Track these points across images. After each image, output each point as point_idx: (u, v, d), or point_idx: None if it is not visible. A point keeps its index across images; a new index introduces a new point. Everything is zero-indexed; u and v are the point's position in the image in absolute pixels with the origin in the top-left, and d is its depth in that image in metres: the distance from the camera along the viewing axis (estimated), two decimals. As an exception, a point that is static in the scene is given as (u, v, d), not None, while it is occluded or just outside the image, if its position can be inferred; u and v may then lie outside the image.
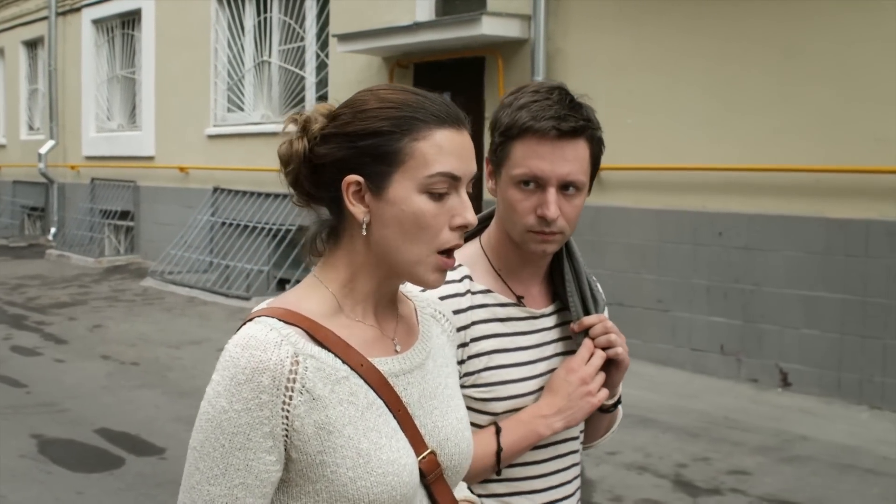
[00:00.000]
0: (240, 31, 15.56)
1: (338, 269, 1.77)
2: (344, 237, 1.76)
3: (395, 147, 1.67)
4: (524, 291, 2.27)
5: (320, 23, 13.99)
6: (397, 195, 1.68)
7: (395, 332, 1.82)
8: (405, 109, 1.69)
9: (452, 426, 1.82)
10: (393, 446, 1.67)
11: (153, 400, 8.38)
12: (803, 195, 8.43)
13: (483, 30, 10.36)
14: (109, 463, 6.80)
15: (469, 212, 1.72)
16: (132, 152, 17.88)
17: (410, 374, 1.77)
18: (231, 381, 1.60)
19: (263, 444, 1.60)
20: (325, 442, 1.61)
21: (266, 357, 1.59)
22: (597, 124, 2.15)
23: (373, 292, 1.77)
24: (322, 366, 1.64)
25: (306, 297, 1.74)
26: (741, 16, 8.83)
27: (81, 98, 19.49)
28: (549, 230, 2.12)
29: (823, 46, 8.27)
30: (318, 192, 1.76)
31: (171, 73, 16.78)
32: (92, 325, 11.86)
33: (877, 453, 6.93)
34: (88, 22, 19.37)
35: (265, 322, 1.65)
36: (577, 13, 10.25)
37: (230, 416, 1.59)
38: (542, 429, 2.17)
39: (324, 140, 1.72)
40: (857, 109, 8.06)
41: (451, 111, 1.72)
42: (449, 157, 1.68)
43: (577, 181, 2.12)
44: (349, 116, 1.72)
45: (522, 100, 2.12)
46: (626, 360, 2.25)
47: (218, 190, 15.49)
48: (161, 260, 15.57)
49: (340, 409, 1.63)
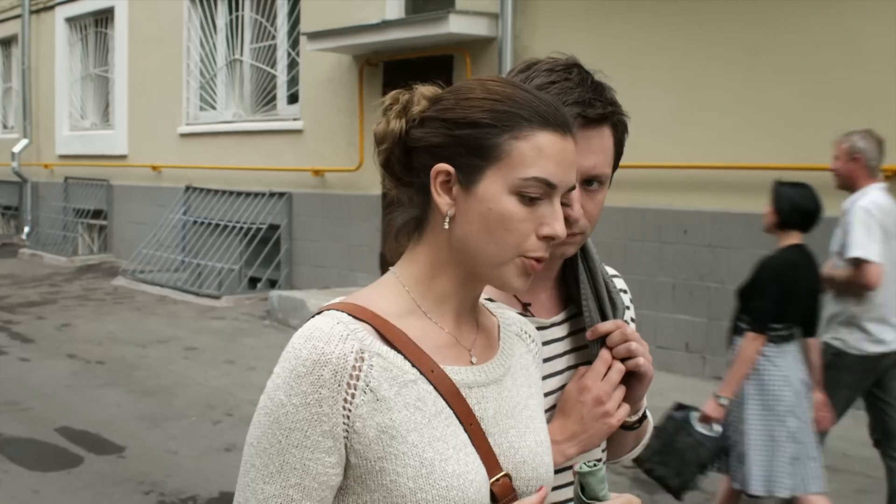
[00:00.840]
0: (212, 30, 15.52)
1: (418, 266, 1.66)
2: (427, 231, 1.66)
3: (493, 142, 1.57)
4: (531, 298, 2.00)
5: (291, 21, 13.96)
6: (487, 192, 1.57)
7: (474, 343, 1.70)
8: (510, 104, 1.59)
9: (531, 449, 1.68)
10: (461, 459, 1.55)
11: (116, 398, 8.34)
12: (768, 193, 8.41)
13: (450, 28, 10.37)
14: (67, 462, 6.76)
15: (560, 223, 1.59)
16: (105, 151, 17.82)
17: (486, 388, 1.65)
18: (291, 374, 1.51)
19: (322, 444, 1.50)
20: (387, 447, 1.50)
21: (329, 350, 1.51)
22: (621, 107, 1.91)
23: (453, 294, 1.66)
24: (389, 366, 1.54)
25: (381, 294, 1.65)
26: (705, 14, 8.86)
27: (55, 97, 19.40)
28: (570, 231, 1.83)
29: (787, 45, 8.30)
30: (408, 177, 1.65)
31: (143, 72, 16.73)
32: (60, 324, 11.81)
33: (837, 450, 6.94)
34: (62, 20, 19.30)
35: (333, 315, 1.57)
36: (545, 11, 10.26)
37: (288, 411, 1.50)
38: (553, 456, 1.88)
39: (422, 123, 1.62)
40: (820, 107, 8.08)
41: (559, 114, 1.61)
42: (548, 162, 1.57)
43: (602, 175, 1.87)
44: (451, 102, 1.62)
45: (537, 80, 1.84)
46: (649, 372, 1.95)
47: (190, 189, 15.45)
48: (133, 259, 15.52)
49: (406, 414, 1.53)
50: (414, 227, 1.68)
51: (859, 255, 5.39)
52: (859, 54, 7.84)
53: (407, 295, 1.65)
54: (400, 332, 1.58)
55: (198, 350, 10.12)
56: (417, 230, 1.68)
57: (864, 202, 5.57)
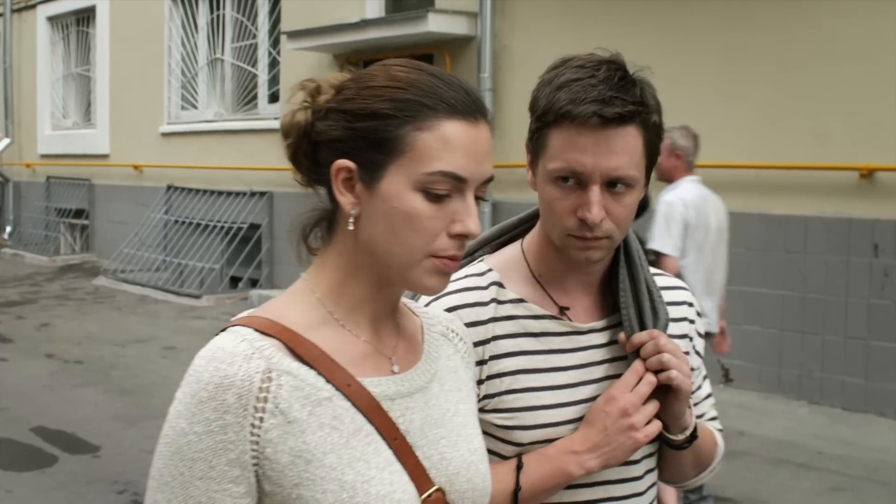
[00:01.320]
0: (193, 29, 15.47)
1: (329, 271, 1.55)
2: (337, 233, 1.54)
3: (395, 134, 1.45)
4: (570, 302, 1.92)
5: (272, 20, 13.94)
6: (390, 190, 1.45)
7: (395, 350, 1.58)
8: (413, 92, 1.46)
9: (464, 458, 1.56)
10: (385, 479, 1.43)
11: (93, 398, 8.31)
12: (744, 192, 8.45)
13: (429, 27, 10.37)
14: (41, 461, 6.73)
15: (472, 220, 1.47)
16: (87, 150, 17.75)
17: (410, 398, 1.53)
18: (192, 400, 1.39)
19: (229, 474, 1.38)
20: (302, 473, 1.38)
21: (232, 371, 1.38)
22: (652, 106, 1.80)
23: (368, 300, 1.54)
24: (300, 384, 1.42)
25: (291, 303, 1.53)
26: (683, 13, 8.87)
27: (37, 96, 19.31)
28: (591, 235, 1.78)
29: (763, 44, 8.31)
30: (316, 174, 1.55)
31: (125, 71, 16.66)
32: (39, 323, 11.76)
33: (812, 448, 6.97)
34: (43, 19, 19.20)
35: (238, 332, 1.44)
36: (523, 10, 10.27)
37: (190, 440, 1.38)
38: (571, 467, 1.80)
39: (326, 115, 1.50)
40: (796, 106, 8.10)
41: (468, 100, 1.47)
42: (455, 154, 1.44)
43: (627, 177, 1.76)
44: (353, 91, 1.50)
45: (564, 77, 1.77)
46: (685, 386, 1.81)
47: (172, 188, 15.40)
48: (114, 258, 15.47)
49: (321, 435, 1.41)
50: (326, 228, 1.58)
51: (655, 248, 5.71)
52: (835, 52, 7.85)
53: (319, 303, 1.53)
54: (312, 345, 1.47)
55: (177, 350, 10.09)
56: (329, 232, 1.57)
57: (669, 196, 5.88)
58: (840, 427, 7.48)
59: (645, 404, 1.81)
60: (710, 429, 2.10)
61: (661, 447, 1.98)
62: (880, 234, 7.67)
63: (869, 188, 7.76)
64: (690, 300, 2.08)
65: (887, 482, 6.29)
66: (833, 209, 7.92)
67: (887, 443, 7.03)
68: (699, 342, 2.09)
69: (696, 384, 2.07)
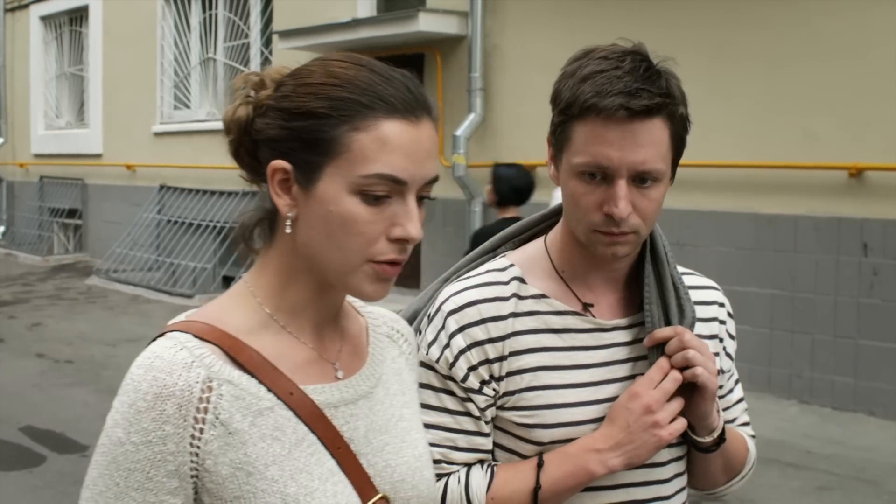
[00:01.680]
0: (186, 29, 15.48)
1: (269, 274, 1.49)
2: (277, 234, 1.48)
3: (330, 135, 1.38)
4: (595, 299, 1.87)
5: (264, 19, 13.94)
6: (326, 192, 1.39)
7: (339, 355, 1.53)
8: (350, 90, 1.39)
9: (409, 465, 1.53)
10: (328, 490, 1.40)
11: (83, 398, 8.29)
12: (734, 191, 8.47)
13: (420, 26, 10.37)
14: (29, 461, 6.72)
15: (412, 223, 1.40)
16: (80, 150, 17.74)
17: (354, 405, 1.49)
18: (130, 409, 1.34)
19: (167, 485, 1.34)
20: (243, 485, 1.35)
21: (172, 381, 1.33)
22: (679, 98, 1.75)
23: (309, 304, 1.49)
24: (242, 393, 1.37)
25: (232, 307, 1.47)
26: (673, 12, 8.87)
27: (30, 95, 19.31)
28: (618, 230, 1.73)
29: (753, 42, 8.31)
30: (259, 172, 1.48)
31: (118, 71, 16.65)
32: (31, 323, 11.75)
33: (801, 447, 6.97)
34: (36, 18, 19.20)
35: (176, 339, 1.39)
36: (514, 10, 10.27)
37: (127, 450, 1.33)
38: (593, 465, 1.75)
39: (265, 112, 1.45)
40: (784, 106, 8.10)
41: (408, 98, 1.41)
42: (393, 155, 1.38)
43: (654, 171, 1.72)
44: (290, 88, 1.43)
45: (587, 68, 1.71)
46: (710, 384, 1.75)
47: (164, 188, 15.40)
48: (107, 258, 15.45)
49: (263, 447, 1.37)
50: (267, 228, 1.52)
51: None
52: (824, 51, 7.86)
53: (260, 307, 1.48)
54: (253, 352, 1.42)
55: (168, 349, 10.03)
56: (270, 233, 1.51)
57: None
58: (829, 426, 7.48)
59: (669, 401, 1.76)
60: (742, 434, 2.03)
61: (689, 451, 1.92)
62: (870, 234, 7.67)
63: (858, 187, 7.76)
64: (722, 300, 2.03)
65: (875, 481, 6.29)
66: (823, 208, 7.92)
67: (876, 442, 7.04)
68: (730, 344, 2.05)
69: (726, 388, 2.05)
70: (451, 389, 1.83)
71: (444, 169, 10.73)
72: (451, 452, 1.82)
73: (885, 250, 7.60)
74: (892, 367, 7.57)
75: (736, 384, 2.09)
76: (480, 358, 1.81)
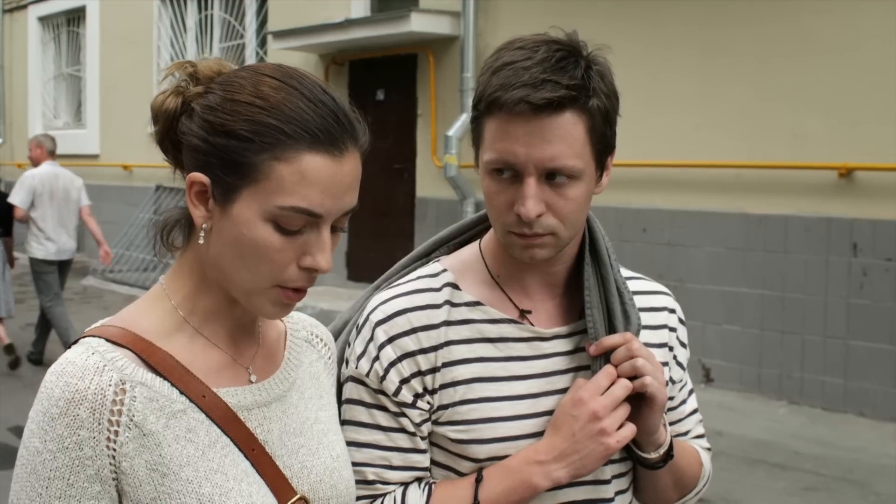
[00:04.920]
0: (182, 29, 15.50)
1: (183, 277, 1.48)
2: (192, 240, 1.47)
3: (251, 160, 1.35)
4: (532, 305, 1.76)
5: (260, 20, 13.96)
6: (241, 215, 1.37)
7: (252, 360, 1.53)
8: (275, 116, 1.35)
9: (326, 465, 1.54)
10: (244, 490, 1.40)
11: (73, 398, 8.28)
12: (724, 191, 8.46)
13: (412, 27, 10.38)
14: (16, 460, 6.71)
15: (323, 255, 1.39)
16: (77, 150, 17.73)
17: (267, 408, 1.49)
18: (44, 417, 1.33)
19: (89, 490, 1.33)
20: (159, 486, 1.35)
21: (83, 385, 1.32)
22: (598, 90, 1.62)
23: (221, 311, 1.49)
24: (155, 396, 1.37)
25: (147, 310, 1.47)
26: (662, 13, 8.86)
27: (28, 96, 19.34)
28: (530, 231, 1.62)
29: (742, 44, 8.31)
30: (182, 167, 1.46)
31: (115, 71, 16.68)
32: (25, 323, 11.76)
33: (789, 448, 6.96)
34: (34, 19, 19.23)
35: (88, 344, 1.38)
36: (506, 10, 10.27)
37: (45, 459, 1.32)
38: (537, 479, 1.65)
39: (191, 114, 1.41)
40: (775, 106, 8.10)
41: (334, 129, 1.37)
42: (311, 190, 1.35)
43: (566, 167, 1.60)
44: (217, 99, 1.39)
45: (502, 59, 1.61)
46: (660, 396, 1.66)
47: (161, 188, 15.40)
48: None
49: (177, 448, 1.37)
50: (185, 231, 1.50)
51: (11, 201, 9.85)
52: (813, 50, 7.85)
53: (174, 310, 1.47)
54: (166, 355, 1.42)
55: (160, 350, 10.01)
56: (187, 236, 1.50)
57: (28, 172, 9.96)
58: (818, 427, 7.47)
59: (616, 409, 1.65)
60: (695, 448, 1.94)
61: (634, 467, 1.83)
62: (859, 234, 7.66)
63: (848, 187, 7.76)
64: (672, 306, 1.92)
65: (862, 482, 6.28)
66: (812, 208, 7.92)
67: (864, 443, 7.02)
68: (681, 352, 1.92)
69: (678, 398, 1.94)
70: (384, 404, 1.73)
71: (437, 169, 10.73)
72: (386, 472, 1.72)
73: (874, 250, 7.59)
74: (882, 368, 7.56)
75: (689, 395, 1.98)
76: (412, 370, 1.72)
